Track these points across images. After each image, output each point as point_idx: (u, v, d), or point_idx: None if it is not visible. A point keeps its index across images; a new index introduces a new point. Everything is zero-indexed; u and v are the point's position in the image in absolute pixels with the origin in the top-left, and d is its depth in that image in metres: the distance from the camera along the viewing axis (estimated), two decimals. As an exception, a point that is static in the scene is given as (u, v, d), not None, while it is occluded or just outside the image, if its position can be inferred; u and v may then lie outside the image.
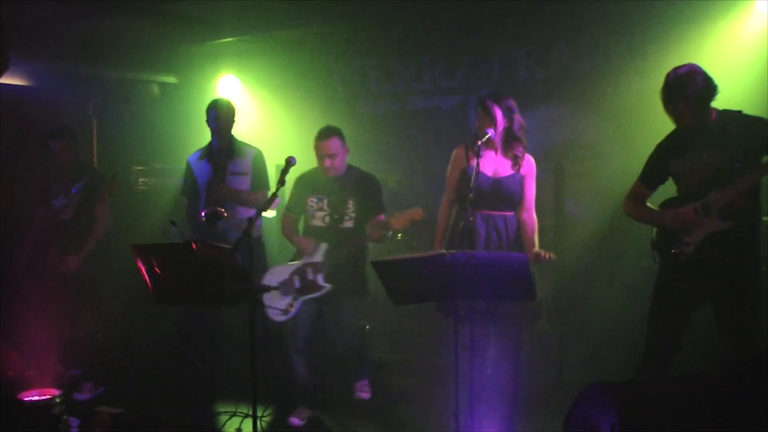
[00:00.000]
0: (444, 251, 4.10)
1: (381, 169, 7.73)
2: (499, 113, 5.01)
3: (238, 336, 5.40)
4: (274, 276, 5.52)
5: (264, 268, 5.70)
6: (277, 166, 6.22)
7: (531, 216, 5.16)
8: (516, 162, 5.09)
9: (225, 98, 6.39)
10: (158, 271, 4.44)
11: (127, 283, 6.25)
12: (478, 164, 4.69)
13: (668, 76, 4.54)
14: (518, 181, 5.10)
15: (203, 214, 5.89)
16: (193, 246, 4.32)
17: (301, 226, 5.82)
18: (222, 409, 5.84)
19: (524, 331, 5.29)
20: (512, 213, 5.13)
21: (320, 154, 5.56)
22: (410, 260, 4.25)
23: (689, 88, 4.44)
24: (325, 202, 5.64)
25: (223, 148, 6.14)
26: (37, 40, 7.11)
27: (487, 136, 4.89)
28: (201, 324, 6.04)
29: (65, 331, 5.94)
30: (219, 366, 6.23)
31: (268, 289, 5.20)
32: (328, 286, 5.44)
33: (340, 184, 5.62)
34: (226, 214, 5.83)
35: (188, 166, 6.29)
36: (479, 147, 4.73)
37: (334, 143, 5.55)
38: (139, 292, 5.35)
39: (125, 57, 7.99)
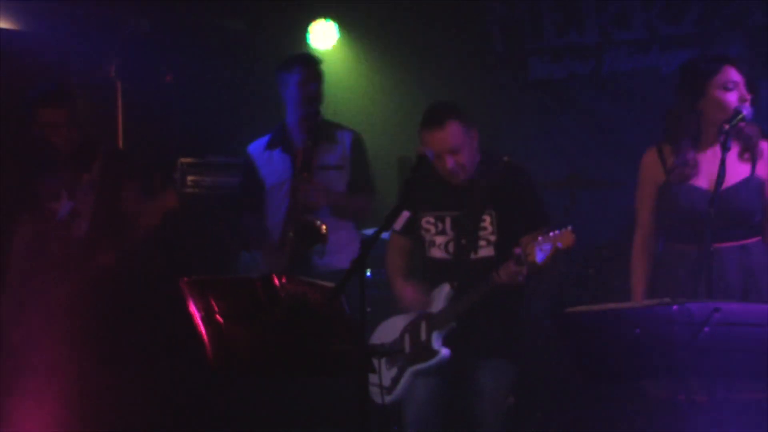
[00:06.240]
0: (668, 300, 3.08)
1: (552, 166, 6.05)
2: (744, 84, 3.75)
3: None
4: (383, 333, 4.20)
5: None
6: (396, 160, 5.45)
7: None
8: (745, 156, 3.86)
9: (314, 55, 5.26)
10: (220, 319, 3.41)
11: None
12: (723, 162, 3.51)
13: None
14: (754, 187, 3.87)
15: (293, 230, 4.73)
16: (276, 282, 3.26)
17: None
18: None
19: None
20: (755, 240, 3.91)
21: (436, 151, 4.06)
22: (612, 312, 3.27)
23: None
24: (448, 222, 4.19)
25: (308, 132, 4.89)
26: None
27: (740, 116, 3.62)
28: None
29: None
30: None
31: (385, 352, 3.84)
32: (445, 352, 3.98)
33: (468, 190, 4.13)
34: (325, 232, 4.68)
35: (248, 162, 5.13)
36: (727, 134, 3.54)
37: (452, 131, 4.00)
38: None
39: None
